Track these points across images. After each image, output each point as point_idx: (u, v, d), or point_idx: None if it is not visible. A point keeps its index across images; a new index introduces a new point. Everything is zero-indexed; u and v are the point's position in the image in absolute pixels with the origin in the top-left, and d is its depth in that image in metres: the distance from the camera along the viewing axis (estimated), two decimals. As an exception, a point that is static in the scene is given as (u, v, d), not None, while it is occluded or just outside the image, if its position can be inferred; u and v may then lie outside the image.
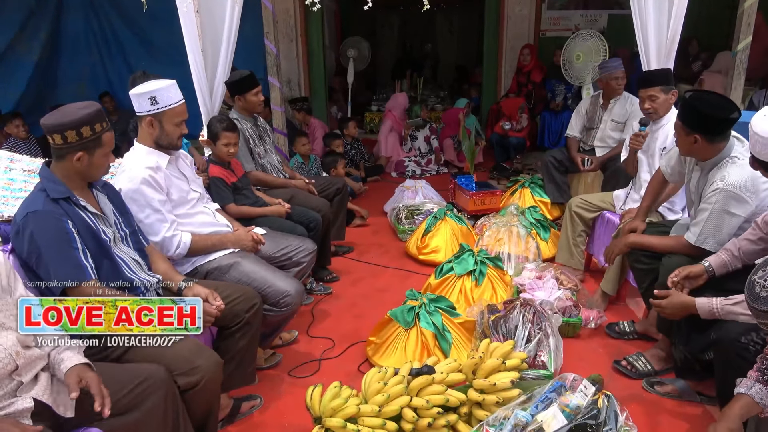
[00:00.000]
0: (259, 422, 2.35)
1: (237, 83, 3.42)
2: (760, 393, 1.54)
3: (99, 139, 1.86)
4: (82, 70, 7.37)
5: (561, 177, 4.42)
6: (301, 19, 6.93)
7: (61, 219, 1.83)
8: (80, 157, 1.84)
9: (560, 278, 3.11)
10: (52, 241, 1.80)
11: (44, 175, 1.91)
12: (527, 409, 1.94)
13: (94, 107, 1.87)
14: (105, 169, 1.96)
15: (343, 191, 3.89)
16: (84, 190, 1.98)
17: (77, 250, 1.83)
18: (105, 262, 1.94)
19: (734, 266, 2.12)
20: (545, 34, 7.13)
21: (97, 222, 1.95)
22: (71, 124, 1.80)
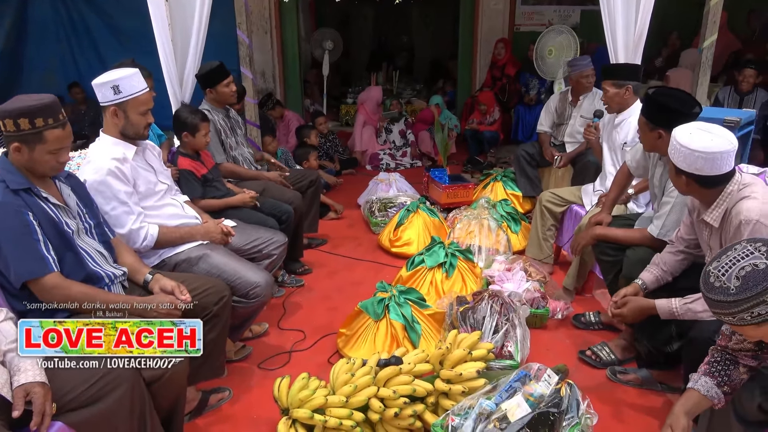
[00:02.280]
0: (228, 415, 2.35)
1: (207, 75, 3.37)
2: (705, 386, 1.59)
3: (40, 134, 1.78)
4: (51, 59, 7.18)
5: (533, 171, 4.48)
6: (275, 11, 6.86)
7: (20, 210, 1.79)
8: (18, 149, 1.80)
9: (529, 270, 3.16)
10: (11, 233, 1.77)
11: (1, 165, 1.86)
12: (492, 398, 1.98)
13: (44, 101, 1.80)
14: (51, 167, 1.88)
15: (316, 183, 3.88)
16: (46, 182, 1.94)
17: (38, 242, 1.80)
18: (68, 255, 1.91)
19: (665, 280, 2.23)
20: (519, 28, 7.18)
21: (60, 213, 1.92)
22: (11, 112, 1.75)
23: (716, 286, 1.32)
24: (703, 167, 1.85)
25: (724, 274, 1.31)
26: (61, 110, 1.85)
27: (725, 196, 1.90)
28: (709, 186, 1.90)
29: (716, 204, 1.92)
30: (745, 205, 1.82)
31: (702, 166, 1.85)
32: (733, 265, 1.30)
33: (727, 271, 1.30)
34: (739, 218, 1.81)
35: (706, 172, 1.86)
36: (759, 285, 1.25)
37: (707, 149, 1.83)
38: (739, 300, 1.27)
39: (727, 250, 1.34)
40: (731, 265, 1.30)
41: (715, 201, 1.92)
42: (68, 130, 1.88)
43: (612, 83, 3.05)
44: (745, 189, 1.86)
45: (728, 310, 1.30)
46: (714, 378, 1.60)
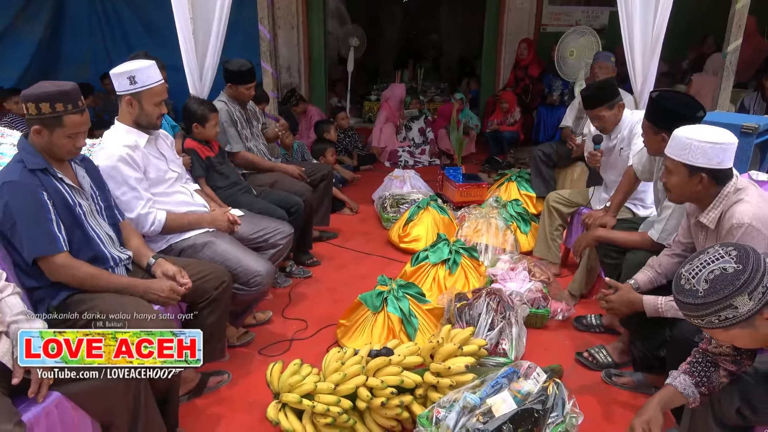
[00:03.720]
0: (226, 397, 2.43)
1: (235, 72, 3.45)
2: (683, 383, 1.59)
3: (59, 118, 1.87)
4: (85, 50, 7.44)
5: (548, 171, 4.46)
6: (302, 6, 6.95)
7: (36, 190, 1.88)
8: (38, 131, 1.89)
9: (533, 270, 3.16)
10: (26, 211, 1.86)
11: (22, 146, 1.96)
12: (477, 392, 2.01)
13: (65, 87, 1.89)
14: (68, 150, 1.97)
15: (328, 177, 3.94)
16: (63, 164, 2.04)
17: (51, 222, 1.90)
18: (77, 235, 2.00)
19: (659, 282, 2.21)
20: (546, 29, 7.12)
21: (74, 194, 2.02)
22: (33, 96, 1.85)
23: (686, 288, 1.32)
24: (723, 159, 1.85)
25: (694, 276, 1.31)
26: (80, 97, 1.94)
27: (722, 197, 1.89)
28: (720, 182, 1.89)
29: (713, 206, 1.91)
30: (738, 208, 1.81)
31: (722, 158, 1.84)
32: (703, 268, 1.31)
33: (697, 274, 1.31)
34: (731, 221, 1.80)
35: (724, 164, 1.85)
36: (726, 289, 1.25)
37: (726, 140, 1.83)
38: (707, 303, 1.28)
39: (700, 254, 1.35)
40: (701, 268, 1.31)
41: (712, 203, 1.91)
42: (86, 117, 1.97)
43: (605, 107, 2.98)
44: (739, 192, 1.86)
45: (696, 312, 1.31)
46: (693, 377, 1.60)
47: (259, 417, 2.28)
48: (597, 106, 2.98)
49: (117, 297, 1.98)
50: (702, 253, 1.34)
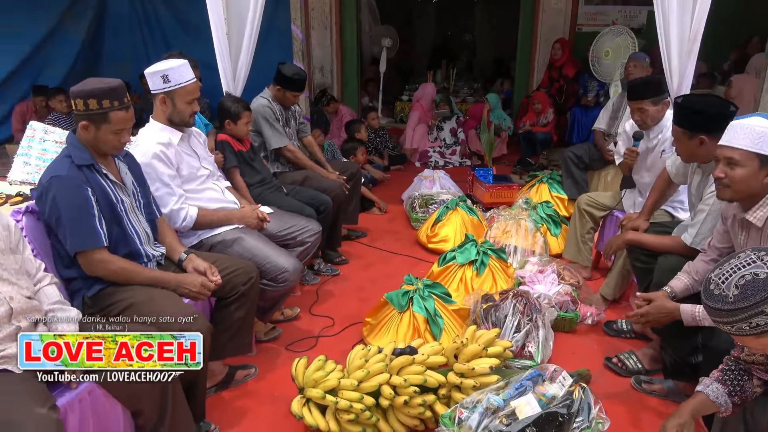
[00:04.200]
0: (252, 390, 2.47)
1: (287, 78, 3.51)
2: (716, 392, 1.55)
3: (106, 114, 1.94)
4: (125, 49, 7.66)
5: (580, 173, 4.40)
6: (336, 7, 7.00)
7: (81, 186, 1.95)
8: (85, 126, 1.96)
9: (562, 273, 3.12)
10: (71, 206, 1.92)
11: (70, 141, 2.04)
12: (501, 394, 1.99)
13: (112, 84, 1.96)
14: (113, 146, 2.03)
15: (357, 176, 3.97)
16: (107, 159, 2.10)
17: (93, 217, 1.96)
18: (116, 230, 2.06)
19: (696, 289, 2.13)
20: (582, 29, 7.00)
21: (116, 190, 2.08)
22: (82, 93, 1.92)
23: (715, 293, 1.29)
24: None
25: (723, 281, 1.28)
26: (126, 94, 2.00)
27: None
28: None
29: (762, 203, 1.82)
30: None
31: None
32: (734, 273, 1.27)
33: (727, 279, 1.27)
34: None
35: None
36: (757, 295, 1.21)
37: None
38: (737, 309, 1.24)
39: (731, 258, 1.31)
40: (732, 273, 1.27)
41: (762, 200, 1.82)
42: (131, 113, 2.03)
43: (650, 102, 2.92)
44: None
45: (726, 318, 1.27)
46: (726, 386, 1.56)
47: (284, 411, 2.30)
48: (642, 98, 2.92)
49: (148, 290, 2.04)
50: (733, 258, 1.31)
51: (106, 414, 1.80)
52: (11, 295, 1.63)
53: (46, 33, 6.86)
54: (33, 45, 6.79)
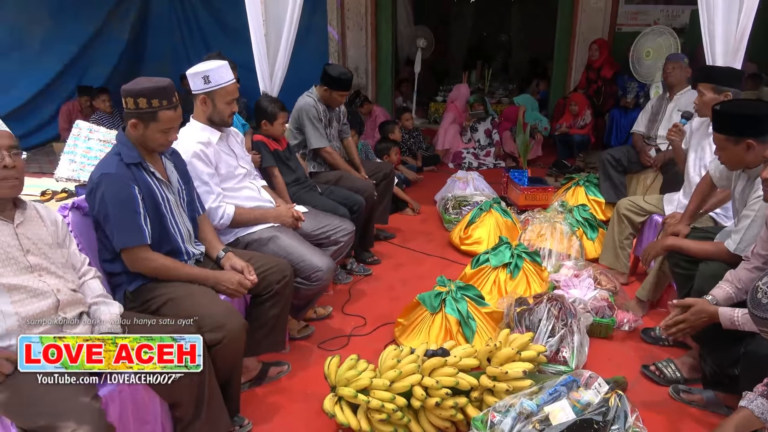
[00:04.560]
0: (285, 387, 2.50)
1: (334, 78, 3.54)
2: (761, 407, 1.50)
3: (155, 113, 1.99)
4: (165, 50, 7.85)
5: (618, 176, 4.31)
6: (372, 8, 7.03)
7: (129, 184, 2.00)
8: (135, 125, 2.02)
9: (599, 278, 3.06)
10: (119, 203, 1.98)
11: (120, 139, 2.10)
12: (534, 399, 1.97)
13: (161, 84, 2.01)
14: (160, 143, 2.09)
15: (389, 176, 3.98)
16: (154, 157, 2.16)
17: (139, 215, 2.01)
18: (159, 228, 2.11)
19: (739, 297, 2.06)
20: (621, 29, 6.85)
21: (162, 188, 2.13)
22: (132, 92, 1.98)
23: (763, 302, 1.25)
24: None
25: (772, 290, 1.24)
26: (174, 94, 2.05)
27: None
28: None
29: None
30: None
31: None
32: None
33: (775, 287, 1.23)
34: None
35: None
36: None
37: None
38: None
39: None
40: None
41: None
42: (179, 112, 2.09)
43: (711, 87, 2.85)
44: None
45: None
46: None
47: (316, 408, 2.33)
48: (704, 81, 2.86)
49: (187, 286, 2.09)
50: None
51: (144, 405, 1.85)
52: (58, 287, 1.69)
53: (92, 34, 7.09)
54: (79, 46, 7.03)
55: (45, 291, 1.66)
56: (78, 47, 7.02)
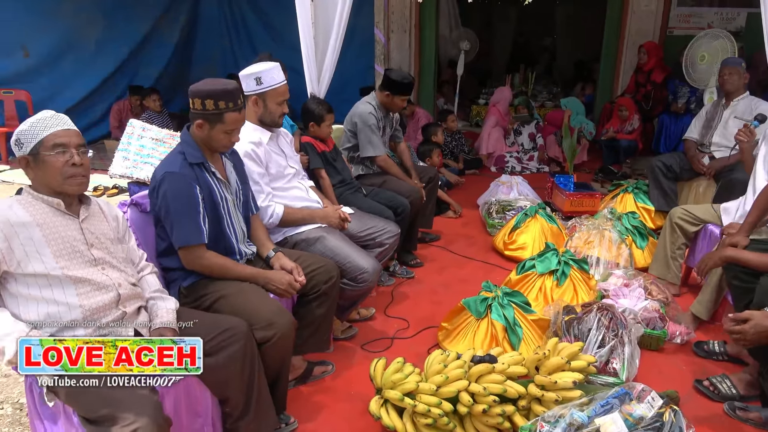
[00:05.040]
0: (329, 387, 2.52)
1: (394, 82, 3.54)
2: None
3: (221, 115, 2.03)
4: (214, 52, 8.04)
5: (669, 184, 4.19)
6: (415, 11, 7.02)
7: (192, 183, 2.05)
8: (200, 125, 2.06)
9: (649, 288, 2.97)
10: (181, 202, 2.02)
11: (184, 138, 2.14)
12: (585, 410, 1.93)
13: (228, 86, 2.05)
14: (223, 144, 2.13)
15: (434, 180, 3.97)
16: (215, 157, 2.20)
17: (199, 214, 2.06)
18: (215, 228, 2.15)
19: None
20: (673, 32, 6.65)
21: (222, 188, 2.17)
22: (200, 93, 2.02)
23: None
24: None
25: None
26: (240, 96, 2.09)
27: None
28: None
29: None
30: None
31: None
32: None
33: None
34: None
35: None
36: None
37: None
38: None
39: None
40: None
41: None
42: (243, 115, 2.13)
43: None
44: None
45: None
46: None
47: (359, 409, 2.34)
48: None
49: (239, 284, 2.12)
50: None
51: (197, 399, 1.89)
52: (120, 281, 1.75)
53: (144, 36, 7.32)
54: (131, 48, 7.26)
55: (108, 285, 1.71)
56: (130, 49, 7.26)
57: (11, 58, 6.25)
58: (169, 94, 7.30)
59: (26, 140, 1.64)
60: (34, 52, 6.43)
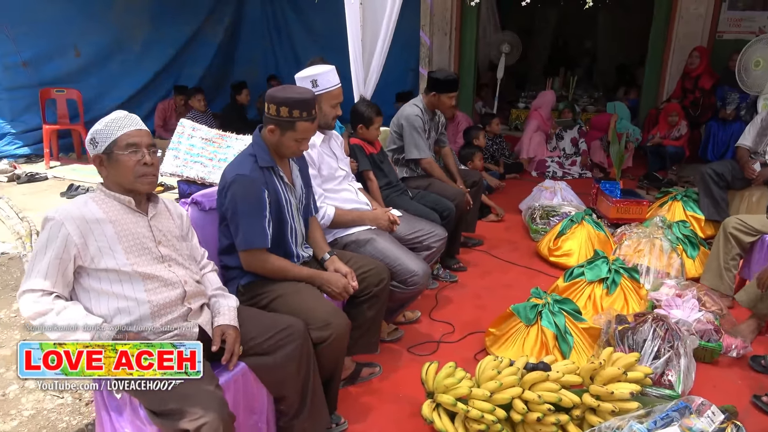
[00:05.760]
0: (377, 388, 2.53)
1: (440, 81, 3.55)
2: None
3: (293, 123, 2.06)
4: (255, 53, 8.16)
5: (720, 192, 4.08)
6: (457, 13, 6.99)
7: (261, 188, 2.08)
8: (272, 130, 2.10)
9: (703, 300, 2.90)
10: (248, 205, 2.06)
11: (256, 141, 2.17)
12: (645, 423, 1.89)
13: (305, 95, 2.08)
14: (292, 151, 2.16)
15: (478, 184, 3.94)
16: (284, 161, 2.23)
17: (265, 219, 2.09)
18: (278, 231, 2.19)
19: None
20: (722, 36, 6.47)
21: (287, 192, 2.20)
22: (276, 99, 2.06)
23: None
24: None
25: None
26: (314, 106, 2.11)
27: None
28: None
29: None
30: None
31: None
32: None
33: None
34: None
35: None
36: None
37: None
38: None
39: None
40: None
41: None
42: (315, 125, 2.16)
43: None
44: None
45: None
46: None
47: (407, 412, 2.34)
48: None
49: (295, 285, 2.15)
50: None
51: (253, 396, 1.92)
52: (185, 278, 1.79)
53: (189, 37, 7.47)
54: (176, 48, 7.43)
55: (174, 281, 1.75)
56: (175, 50, 7.42)
57: (64, 58, 6.46)
58: (212, 94, 7.44)
59: (101, 139, 1.69)
60: (84, 52, 6.63)
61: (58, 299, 1.62)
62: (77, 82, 6.45)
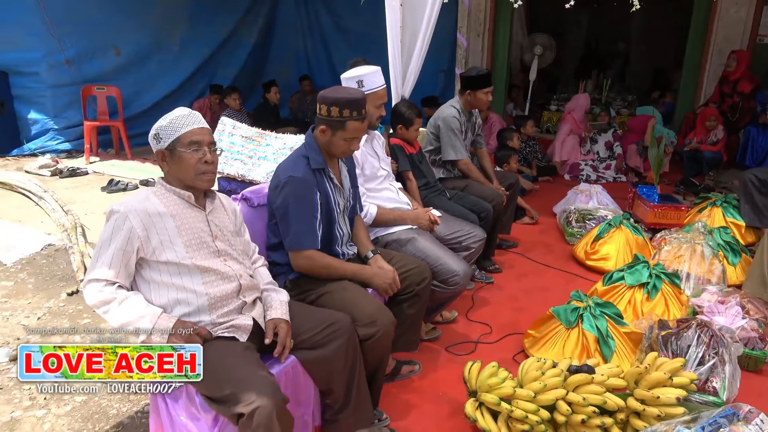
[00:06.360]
0: (417, 386, 2.55)
1: (473, 78, 3.57)
2: None
3: (343, 123, 2.10)
4: (288, 53, 8.26)
5: (762, 199, 4.00)
6: (490, 15, 6.99)
7: (312, 189, 2.12)
8: (323, 130, 2.14)
9: (747, 307, 2.85)
10: (299, 206, 2.10)
11: (308, 142, 2.21)
12: (692, 428, 1.88)
13: (355, 96, 2.12)
14: (342, 151, 2.19)
15: (515, 186, 3.94)
16: (333, 161, 2.27)
17: (316, 220, 2.13)
18: (326, 231, 2.23)
19: None
20: (763, 39, 6.33)
21: (336, 193, 2.24)
22: (327, 99, 2.10)
23: None
24: None
25: None
26: (364, 106, 2.15)
27: None
28: None
29: None
30: None
31: None
32: None
33: None
34: None
35: None
36: None
37: None
38: None
39: None
40: None
41: None
42: (366, 124, 2.19)
43: None
44: None
45: None
46: None
47: (447, 411, 2.36)
48: None
49: (340, 282, 2.18)
50: None
51: (301, 388, 1.96)
52: (240, 272, 1.84)
53: (224, 37, 7.60)
54: (212, 49, 7.57)
55: (230, 275, 1.80)
56: (211, 49, 7.56)
57: (105, 57, 6.62)
58: (245, 94, 7.56)
59: (165, 135, 1.75)
60: (124, 51, 6.79)
61: (120, 289, 1.68)
62: (116, 80, 6.61)
